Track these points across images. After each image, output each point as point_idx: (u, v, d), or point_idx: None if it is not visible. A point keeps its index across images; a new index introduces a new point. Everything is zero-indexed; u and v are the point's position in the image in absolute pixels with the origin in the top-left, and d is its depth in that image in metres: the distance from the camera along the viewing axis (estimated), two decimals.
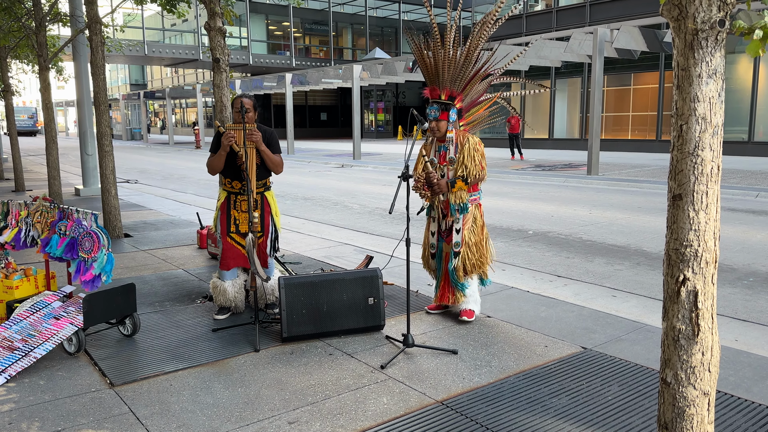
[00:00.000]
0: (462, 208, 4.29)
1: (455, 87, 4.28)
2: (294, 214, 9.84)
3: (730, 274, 5.79)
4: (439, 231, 4.43)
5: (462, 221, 4.30)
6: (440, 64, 4.21)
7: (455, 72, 4.23)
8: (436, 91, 4.30)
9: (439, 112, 4.26)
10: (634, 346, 3.86)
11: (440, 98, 4.29)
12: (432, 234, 4.47)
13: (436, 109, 4.27)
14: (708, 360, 2.11)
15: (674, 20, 1.93)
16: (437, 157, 4.36)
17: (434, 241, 4.46)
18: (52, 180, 10.25)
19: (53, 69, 16.13)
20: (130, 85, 59.34)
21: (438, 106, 4.27)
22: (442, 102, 4.28)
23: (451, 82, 4.26)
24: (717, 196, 2.03)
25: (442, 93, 4.28)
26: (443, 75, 4.24)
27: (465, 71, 4.25)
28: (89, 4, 7.36)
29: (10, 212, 4.42)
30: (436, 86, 4.30)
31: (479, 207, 4.40)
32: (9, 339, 3.69)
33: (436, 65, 4.24)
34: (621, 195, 11.53)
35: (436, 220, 4.43)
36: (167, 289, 5.29)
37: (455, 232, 4.32)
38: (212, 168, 4.37)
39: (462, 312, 4.38)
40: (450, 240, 4.36)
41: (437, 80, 4.28)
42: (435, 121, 4.28)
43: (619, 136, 23.30)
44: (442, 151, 4.33)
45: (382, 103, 42.80)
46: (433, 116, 4.27)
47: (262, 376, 3.49)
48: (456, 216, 4.30)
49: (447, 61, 4.19)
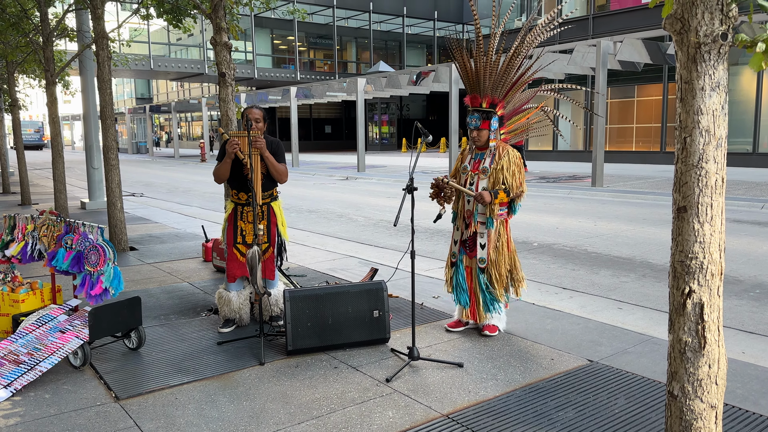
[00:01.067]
0: (486, 221, 4.21)
1: (497, 94, 4.17)
2: (299, 227, 9.86)
3: (736, 285, 5.76)
4: (461, 240, 4.36)
5: (487, 236, 4.22)
6: (481, 71, 4.10)
7: (497, 79, 4.12)
8: (477, 99, 4.18)
9: (481, 120, 4.16)
10: (640, 359, 3.84)
11: (481, 106, 4.18)
12: (455, 242, 4.40)
13: (477, 118, 4.17)
14: (715, 373, 2.10)
15: (677, 34, 1.94)
16: (471, 164, 4.28)
17: (455, 250, 4.38)
18: (58, 193, 10.31)
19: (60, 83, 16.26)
20: (136, 99, 59.78)
21: (479, 115, 4.17)
22: (484, 110, 4.17)
23: (493, 89, 4.15)
24: (722, 208, 2.03)
25: (483, 101, 4.17)
26: (485, 82, 4.12)
27: (506, 78, 4.13)
28: (96, 20, 7.44)
29: (17, 226, 4.45)
30: (477, 94, 4.18)
31: (505, 223, 4.30)
32: (15, 352, 3.70)
33: (477, 72, 4.12)
34: (626, 207, 11.51)
35: (459, 229, 4.36)
36: (172, 303, 5.30)
37: (479, 246, 4.25)
38: (218, 176, 4.39)
39: (485, 327, 4.34)
40: (473, 254, 4.29)
41: (478, 87, 4.16)
42: (476, 130, 4.19)
43: (624, 148, 23.30)
44: (478, 159, 4.25)
45: (386, 115, 42.95)
46: (474, 125, 4.18)
47: (267, 389, 3.48)
48: (481, 229, 4.22)
49: (489, 68, 4.08)
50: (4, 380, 3.45)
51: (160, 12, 9.05)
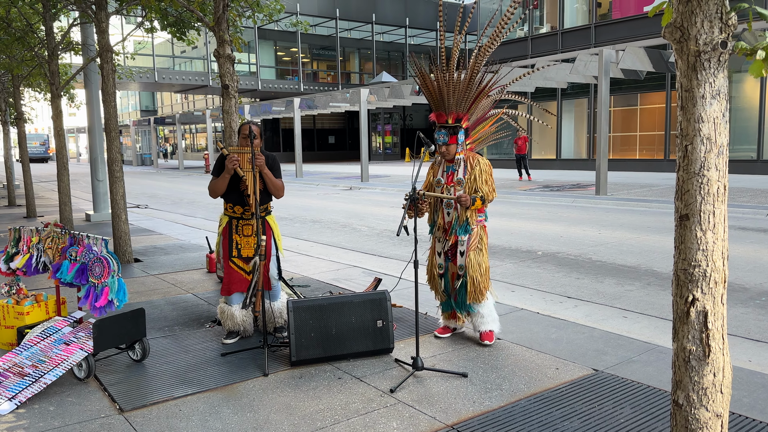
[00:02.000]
0: (465, 229, 4.28)
1: (461, 109, 4.29)
2: (302, 237, 9.87)
3: (742, 293, 5.73)
4: (444, 251, 4.42)
5: (466, 243, 4.29)
6: (444, 89, 4.22)
7: (460, 95, 4.24)
8: (443, 116, 4.30)
9: (448, 136, 4.27)
10: (646, 368, 3.82)
11: (447, 123, 4.29)
12: (439, 254, 4.45)
13: (444, 134, 4.27)
14: (720, 381, 2.08)
15: (676, 42, 1.95)
16: (444, 177, 4.37)
17: (441, 261, 4.44)
18: (63, 206, 10.34)
19: (65, 96, 16.39)
20: (141, 111, 60.11)
21: (446, 131, 4.27)
22: (450, 126, 4.28)
23: (457, 105, 4.27)
24: (724, 215, 2.03)
25: (449, 117, 4.28)
26: (448, 99, 4.25)
27: (469, 92, 4.26)
28: (101, 33, 7.50)
29: (22, 238, 4.47)
30: (442, 111, 4.30)
31: (484, 228, 4.40)
32: (20, 365, 3.70)
33: (440, 90, 4.24)
34: (630, 215, 11.49)
35: (441, 240, 4.42)
36: (176, 314, 5.30)
37: (459, 254, 4.31)
38: (214, 191, 4.40)
39: (482, 335, 4.35)
40: (455, 262, 4.35)
41: (443, 105, 4.28)
42: (445, 146, 4.29)
43: (627, 156, 23.29)
44: (450, 171, 4.34)
45: (390, 125, 43.08)
46: (443, 141, 4.28)
47: (271, 400, 3.47)
48: (461, 237, 4.29)
49: (451, 85, 4.20)
50: (9, 393, 3.45)
51: (164, 25, 9.12)
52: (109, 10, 7.68)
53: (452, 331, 4.57)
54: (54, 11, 10.05)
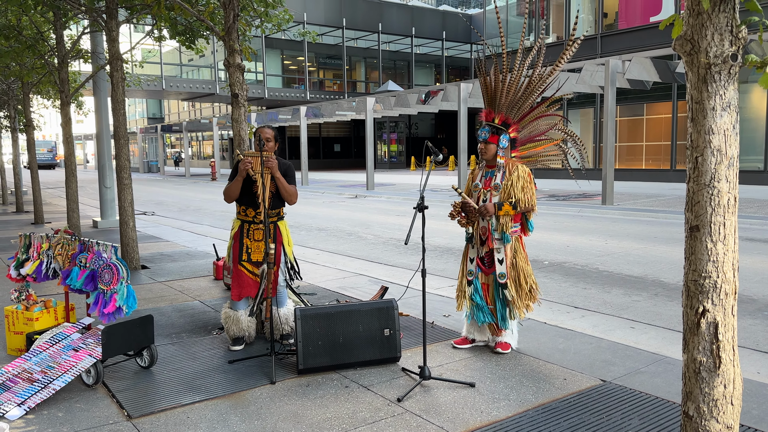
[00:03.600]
0: (502, 236, 4.22)
1: (511, 114, 4.27)
2: (308, 245, 9.88)
3: (750, 305, 5.71)
4: (477, 258, 4.36)
5: (504, 251, 4.24)
6: (499, 89, 4.21)
7: (513, 99, 4.22)
8: (492, 114, 4.29)
9: (489, 134, 4.24)
10: (654, 379, 3.81)
11: (493, 121, 4.28)
12: (470, 260, 4.39)
13: (486, 131, 4.25)
14: (730, 393, 2.08)
15: (687, 55, 1.96)
16: (482, 182, 4.33)
17: (472, 267, 4.38)
18: (71, 212, 10.40)
19: (73, 103, 16.50)
20: (148, 118, 60.46)
21: (489, 128, 4.26)
22: (494, 125, 4.26)
23: (508, 108, 4.25)
24: (734, 227, 2.03)
25: (497, 117, 4.27)
26: (500, 99, 4.23)
27: (524, 101, 4.23)
28: (111, 42, 7.57)
29: (32, 245, 4.50)
30: (492, 109, 4.29)
31: (520, 240, 4.33)
32: (29, 371, 3.72)
33: (495, 89, 4.23)
34: (637, 225, 11.46)
35: (475, 246, 4.37)
36: (183, 321, 5.31)
37: (498, 262, 4.26)
38: (228, 194, 4.44)
39: (498, 344, 4.34)
40: (491, 270, 4.30)
41: (494, 104, 4.27)
42: (483, 143, 4.27)
43: (634, 166, 23.26)
44: (489, 176, 4.31)
45: (395, 134, 43.18)
46: (483, 137, 4.26)
47: (279, 409, 3.48)
48: (497, 245, 4.24)
49: (506, 87, 4.19)
50: (18, 398, 3.47)
51: (174, 34, 9.19)
52: (119, 19, 7.76)
53: (471, 342, 4.49)
54: (65, 20, 10.15)
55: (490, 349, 4.40)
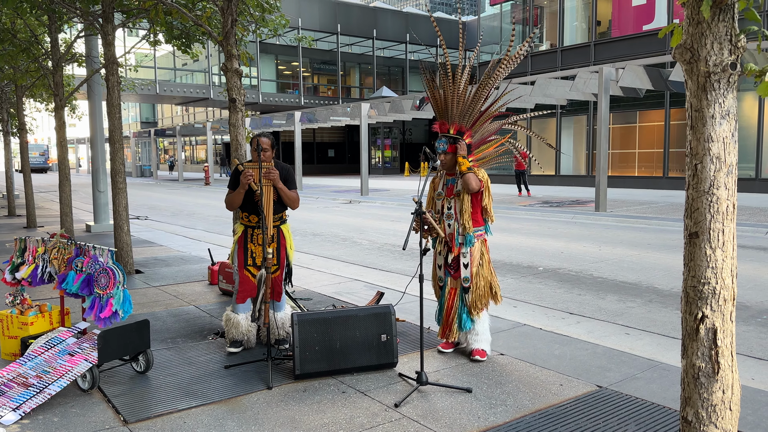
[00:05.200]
0: (467, 241, 4.31)
1: (464, 122, 4.39)
2: (303, 250, 9.87)
3: (743, 311, 5.74)
4: (445, 264, 4.44)
5: (470, 256, 4.32)
6: (450, 100, 4.34)
7: (464, 108, 4.35)
8: (446, 125, 4.41)
9: (447, 145, 4.36)
10: (649, 385, 3.83)
11: (449, 132, 4.38)
12: (439, 267, 4.49)
13: (444, 142, 4.37)
14: (729, 398, 2.10)
15: (686, 63, 1.98)
16: (445, 190, 4.42)
17: (441, 274, 4.48)
18: (65, 216, 10.35)
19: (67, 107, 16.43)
20: (141, 122, 60.27)
21: (446, 140, 4.37)
22: (451, 135, 4.37)
23: (460, 117, 4.37)
24: (733, 233, 2.05)
25: (451, 127, 4.39)
26: (452, 110, 4.36)
27: (474, 108, 4.36)
28: (107, 46, 7.56)
29: (28, 249, 4.48)
30: (445, 121, 4.41)
31: (485, 242, 4.43)
32: (24, 375, 3.70)
33: (445, 100, 4.36)
34: (630, 231, 11.52)
35: (441, 253, 4.45)
36: (179, 326, 5.29)
37: (463, 266, 4.33)
38: (230, 205, 4.45)
39: (474, 351, 4.36)
40: (458, 275, 4.36)
41: (446, 115, 4.39)
42: (443, 154, 4.37)
43: (626, 173, 23.39)
44: (450, 184, 4.40)
45: (389, 139, 43.23)
46: (442, 149, 4.37)
47: (276, 414, 3.47)
48: (463, 249, 4.31)
49: (456, 97, 4.32)
50: (13, 403, 3.45)
51: (169, 38, 9.19)
52: (115, 23, 7.74)
53: (454, 346, 4.56)
54: (60, 23, 10.13)
55: (468, 356, 4.38)
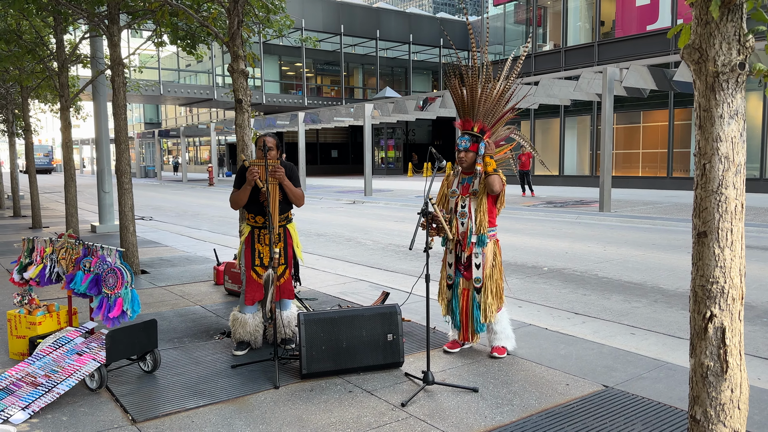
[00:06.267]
0: (480, 241, 4.29)
1: (487, 121, 4.36)
2: (308, 250, 9.88)
3: (749, 311, 5.74)
4: (456, 263, 4.43)
5: (482, 257, 4.30)
6: (476, 98, 4.29)
7: (489, 106, 4.31)
8: (470, 123, 4.36)
9: (470, 143, 4.32)
10: (656, 384, 3.83)
11: (473, 130, 4.34)
12: (449, 265, 4.47)
13: (467, 140, 4.32)
14: (737, 397, 2.10)
15: (695, 63, 1.99)
16: (460, 188, 4.39)
17: (451, 272, 4.46)
18: (70, 217, 10.39)
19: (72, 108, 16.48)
20: (145, 123, 60.40)
21: (470, 137, 4.33)
22: (474, 134, 4.33)
23: (485, 115, 4.33)
24: (741, 233, 2.06)
25: (475, 125, 4.34)
26: (478, 108, 4.31)
27: (497, 107, 4.33)
28: (113, 47, 7.59)
29: (36, 249, 4.50)
30: (469, 118, 4.36)
31: (497, 243, 4.42)
32: (32, 375, 3.72)
33: (472, 98, 4.30)
34: (634, 232, 11.51)
35: (452, 251, 4.44)
36: (185, 326, 5.31)
37: (475, 266, 4.32)
38: (235, 203, 4.46)
39: (493, 349, 4.38)
40: (469, 275, 4.36)
41: (471, 112, 4.34)
42: (464, 152, 4.33)
43: (630, 173, 23.35)
44: (466, 182, 4.37)
45: (392, 140, 43.26)
46: (464, 146, 4.32)
47: (283, 413, 3.48)
48: (475, 249, 4.30)
49: (484, 96, 4.27)
50: (22, 402, 3.47)
51: (174, 39, 9.22)
52: (120, 24, 7.77)
53: (461, 346, 4.57)
54: (65, 24, 10.17)
55: (487, 354, 4.43)
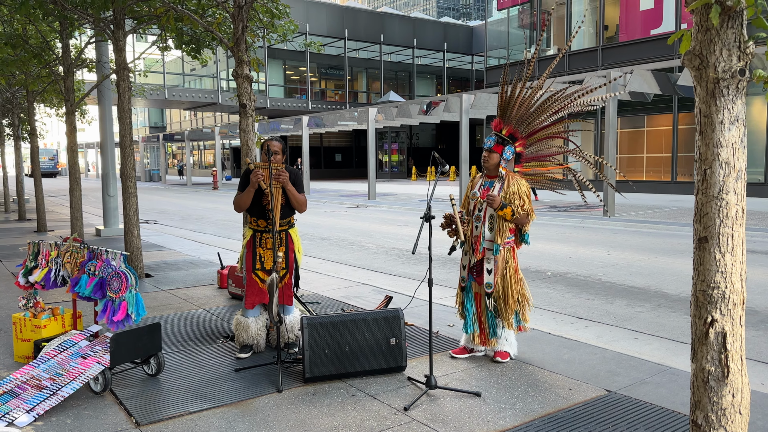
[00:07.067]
0: (493, 248, 4.28)
1: (520, 128, 4.32)
2: (311, 254, 9.91)
3: (752, 316, 5.73)
4: (469, 266, 4.42)
5: (494, 262, 4.29)
6: (512, 101, 4.27)
7: (524, 113, 4.27)
8: (501, 125, 4.35)
9: (494, 143, 4.30)
10: (659, 389, 3.83)
11: (501, 132, 4.33)
12: (463, 267, 4.47)
13: (492, 139, 4.31)
14: (738, 402, 2.11)
15: (695, 69, 2.00)
16: (480, 191, 4.37)
17: (464, 275, 4.45)
18: (75, 220, 10.43)
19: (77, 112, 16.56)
20: (150, 127, 60.62)
21: (496, 137, 4.31)
22: (501, 136, 4.32)
23: (518, 122, 4.30)
24: (742, 238, 2.07)
25: (505, 128, 4.33)
26: (512, 111, 4.29)
27: (535, 118, 4.28)
28: (118, 52, 7.64)
29: (41, 252, 4.53)
30: (502, 120, 4.35)
31: (512, 251, 4.37)
32: (37, 378, 3.74)
33: (509, 99, 4.29)
34: (638, 236, 11.49)
35: (467, 254, 4.43)
36: (189, 329, 5.33)
37: (486, 272, 4.31)
38: (239, 205, 4.48)
39: (497, 353, 4.38)
40: (481, 280, 4.35)
41: (505, 115, 4.33)
42: (488, 151, 4.31)
43: (634, 177, 23.32)
44: (487, 186, 4.35)
45: (396, 144, 43.31)
46: (488, 145, 4.32)
47: (286, 417, 3.49)
48: (488, 255, 4.29)
49: (520, 100, 4.25)
50: (27, 405, 3.49)
51: (179, 44, 9.26)
52: (125, 29, 7.83)
53: (469, 352, 4.53)
54: (71, 29, 10.23)
55: (490, 358, 4.43)
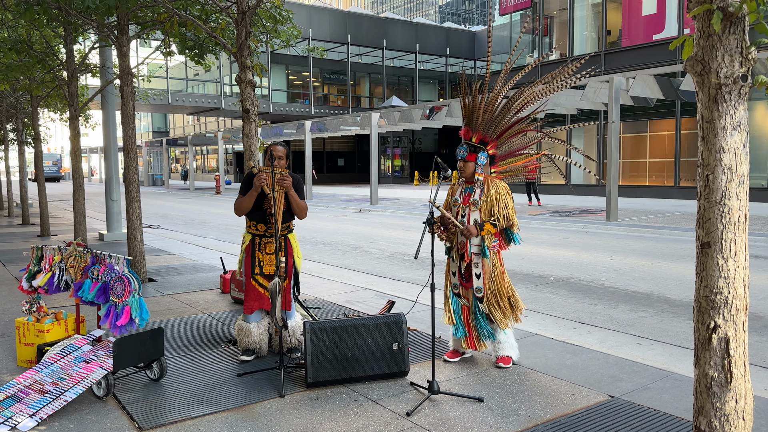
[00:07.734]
0: (480, 252, 4.32)
1: (488, 133, 4.40)
2: (314, 259, 9.91)
3: (756, 322, 5.71)
4: (459, 272, 4.46)
5: (482, 267, 4.33)
6: (476, 109, 4.35)
7: (489, 118, 4.35)
8: (470, 133, 4.42)
9: (467, 152, 4.37)
10: (662, 395, 3.82)
11: (471, 140, 4.40)
12: (453, 274, 4.50)
13: (465, 150, 4.39)
14: (742, 408, 2.10)
15: (697, 75, 2.01)
16: (461, 197, 4.43)
17: (456, 281, 4.49)
18: (78, 225, 10.45)
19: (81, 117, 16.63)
20: (153, 132, 60.80)
21: (467, 147, 4.39)
22: (472, 144, 4.39)
23: (485, 127, 4.38)
24: (745, 243, 2.07)
25: (474, 136, 4.40)
26: (477, 119, 4.37)
27: (501, 120, 4.37)
28: (122, 57, 7.67)
29: (45, 257, 4.55)
30: (469, 128, 4.43)
31: (498, 254, 4.41)
32: (40, 382, 3.75)
33: (472, 108, 4.37)
34: (641, 241, 11.47)
35: (455, 260, 4.47)
36: (192, 334, 5.34)
37: (475, 276, 4.35)
38: (240, 208, 4.48)
39: (498, 359, 4.39)
40: (470, 285, 4.38)
41: (471, 123, 4.41)
42: (462, 161, 4.39)
43: (637, 182, 23.29)
44: (468, 192, 4.41)
45: (399, 149, 43.36)
46: (461, 156, 4.39)
47: (288, 422, 3.49)
48: (475, 259, 4.33)
49: (483, 107, 4.33)
50: (30, 409, 3.50)
51: (183, 49, 9.30)
52: (129, 35, 7.86)
53: (461, 355, 4.58)
54: (75, 35, 10.28)
55: (492, 363, 4.43)
